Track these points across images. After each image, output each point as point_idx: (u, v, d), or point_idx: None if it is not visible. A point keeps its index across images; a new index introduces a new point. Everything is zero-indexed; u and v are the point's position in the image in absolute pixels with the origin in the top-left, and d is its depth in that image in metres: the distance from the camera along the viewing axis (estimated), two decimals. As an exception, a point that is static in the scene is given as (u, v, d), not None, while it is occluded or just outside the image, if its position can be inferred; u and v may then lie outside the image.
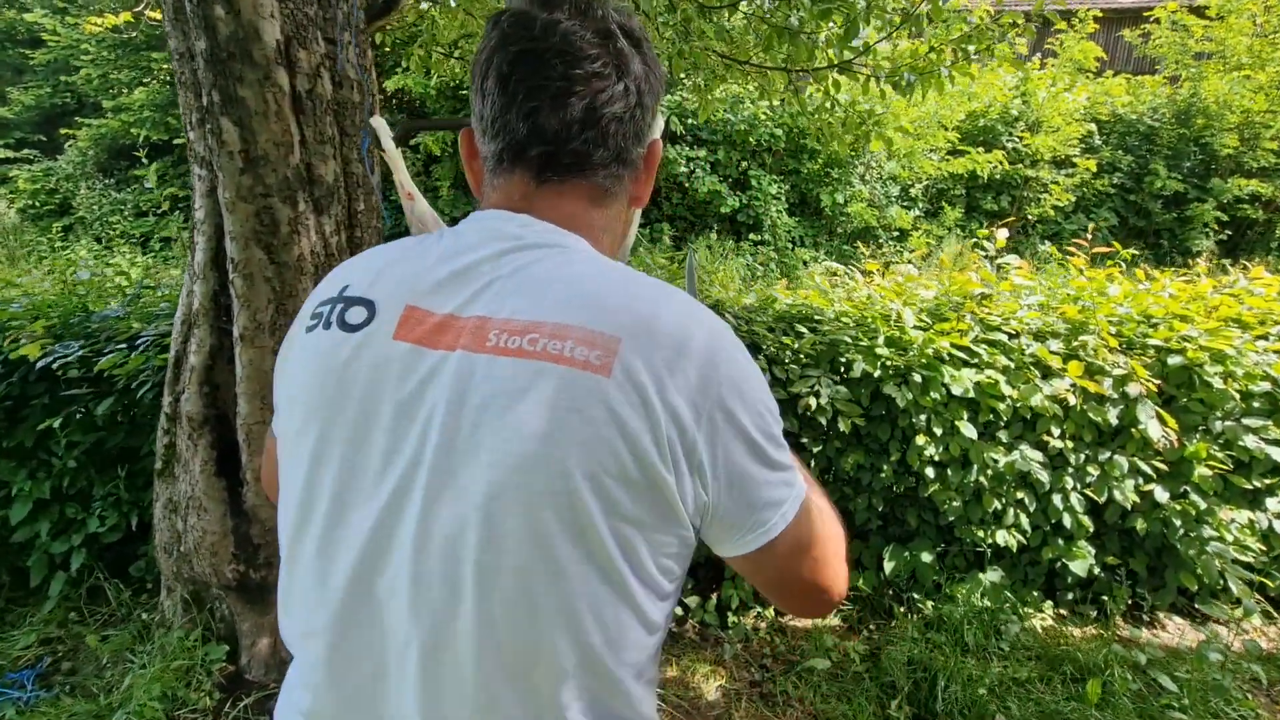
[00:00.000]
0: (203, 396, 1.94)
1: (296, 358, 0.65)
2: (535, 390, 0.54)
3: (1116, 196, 8.95)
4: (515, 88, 0.62)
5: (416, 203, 1.18)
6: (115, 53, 8.99)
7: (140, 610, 2.30)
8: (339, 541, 0.58)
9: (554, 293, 0.57)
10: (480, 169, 0.69)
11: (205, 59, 1.68)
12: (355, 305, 0.61)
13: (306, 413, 0.61)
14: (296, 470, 0.61)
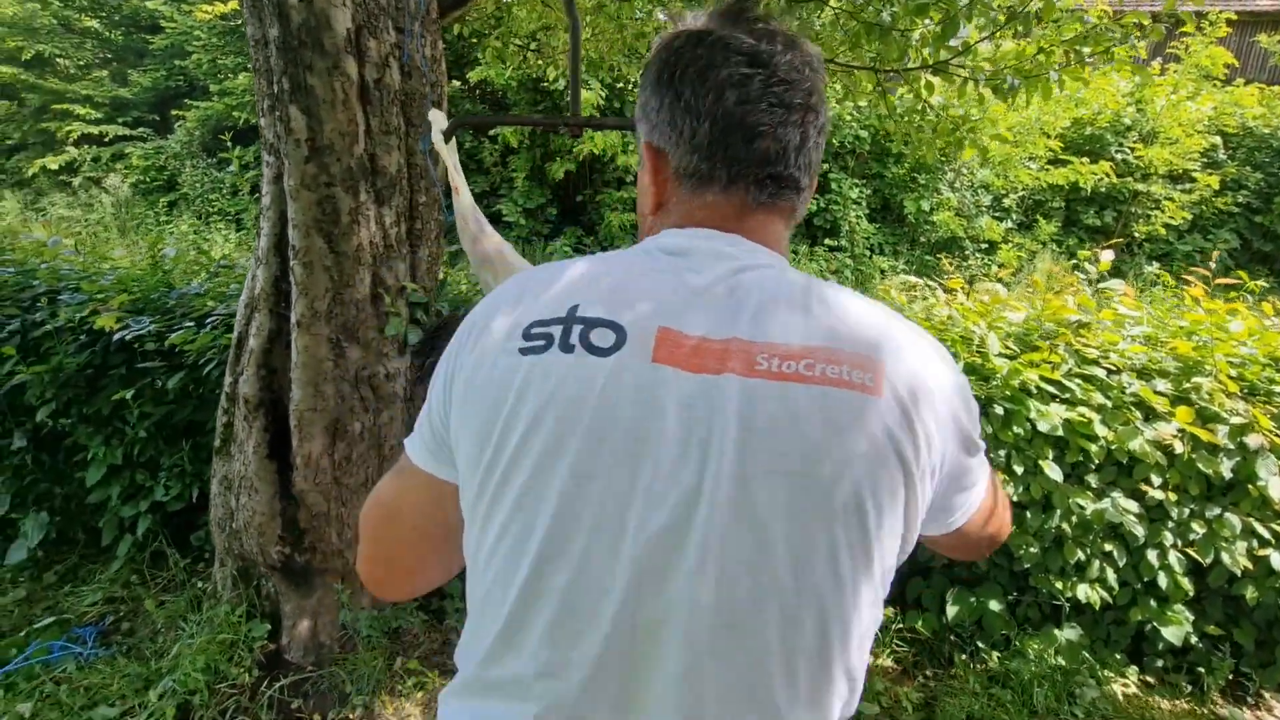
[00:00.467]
0: (259, 379, 1.97)
1: (512, 382, 0.58)
2: (821, 413, 0.55)
3: (1240, 217, 8.14)
4: (739, 110, 0.62)
5: (462, 196, 1.13)
6: (223, 39, 9.53)
7: (196, 579, 2.39)
8: (607, 573, 0.55)
9: (808, 316, 0.59)
10: (666, 183, 0.67)
11: (277, 46, 1.69)
12: (598, 327, 0.58)
13: (551, 441, 0.56)
14: (535, 502, 0.57)
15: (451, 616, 2.31)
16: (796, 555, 0.54)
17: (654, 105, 0.66)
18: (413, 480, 0.67)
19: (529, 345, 0.58)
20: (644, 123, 0.68)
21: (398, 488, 0.69)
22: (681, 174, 0.66)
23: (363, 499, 2.09)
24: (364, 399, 2.00)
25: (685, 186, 0.66)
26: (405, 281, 2.03)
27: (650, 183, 0.68)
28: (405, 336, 2.04)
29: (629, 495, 0.55)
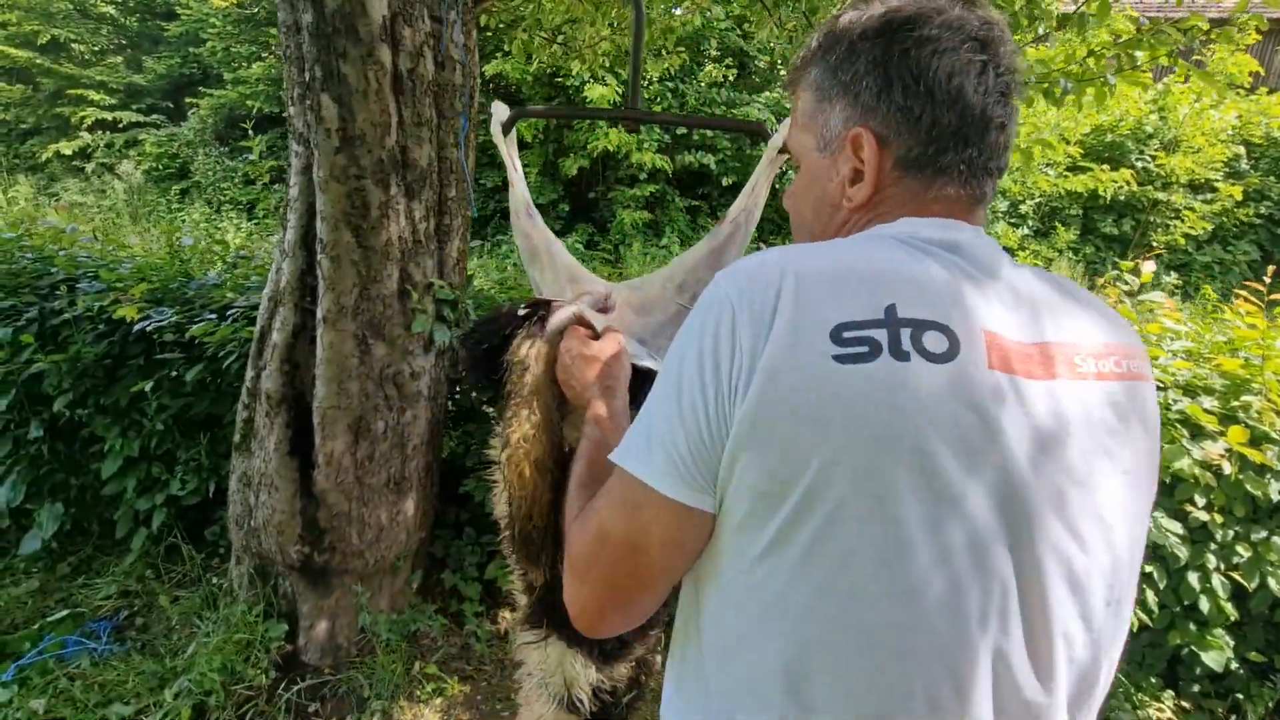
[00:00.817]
0: (282, 374, 1.92)
1: (837, 396, 0.51)
2: (1136, 408, 0.57)
3: (1262, 228, 8.04)
4: (979, 101, 0.59)
5: (516, 188, 1.09)
6: (238, 27, 9.50)
7: (211, 575, 2.34)
8: (966, 590, 0.51)
9: (1088, 311, 0.59)
10: (884, 172, 0.63)
11: (310, 33, 1.64)
12: (930, 330, 0.52)
13: (893, 461, 0.51)
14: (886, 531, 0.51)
15: (470, 620, 2.26)
16: (1134, 556, 0.56)
17: (874, 86, 0.61)
18: (659, 512, 0.56)
19: (847, 353, 0.51)
20: (849, 106, 0.62)
21: (635, 523, 0.57)
22: (908, 163, 0.61)
23: (385, 499, 2.05)
24: (388, 397, 1.96)
25: (912, 177, 0.62)
26: (433, 278, 1.98)
27: (867, 170, 0.62)
28: (431, 334, 1.99)
29: (990, 510, 0.52)
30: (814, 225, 0.68)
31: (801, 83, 0.69)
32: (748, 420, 0.52)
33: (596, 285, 1.04)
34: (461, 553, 2.40)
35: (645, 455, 0.57)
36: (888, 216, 0.62)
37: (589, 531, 0.61)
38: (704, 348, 0.55)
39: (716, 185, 8.85)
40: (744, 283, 0.55)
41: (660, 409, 0.57)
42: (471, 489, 2.33)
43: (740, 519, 0.54)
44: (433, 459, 2.21)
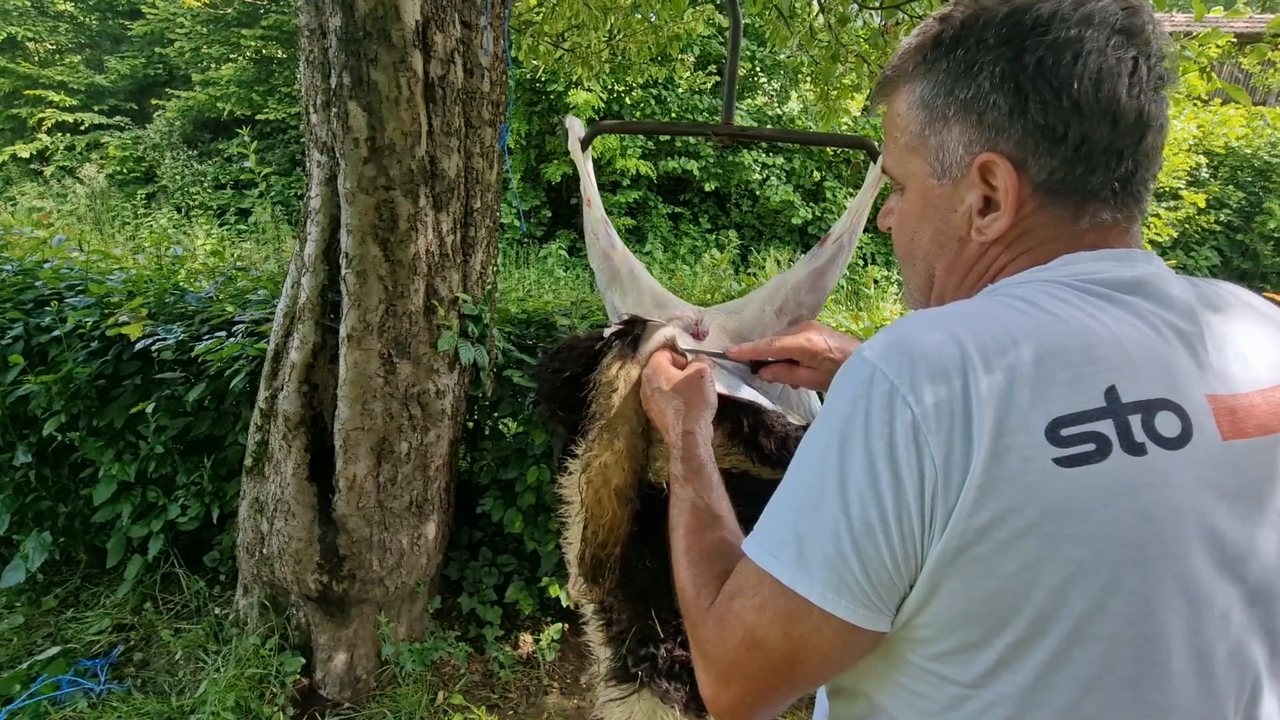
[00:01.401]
0: (301, 395, 1.83)
1: (1066, 509, 0.44)
2: None
3: (1222, 235, 8.36)
4: (1132, 103, 0.51)
5: (594, 209, 1.03)
6: (209, 28, 9.21)
7: (213, 604, 2.22)
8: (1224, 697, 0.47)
9: (1271, 344, 0.53)
10: (1021, 202, 0.54)
11: (339, 37, 1.56)
12: (1160, 411, 0.45)
13: (1143, 567, 0.45)
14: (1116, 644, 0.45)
15: (491, 646, 2.18)
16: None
17: (1004, 104, 0.52)
18: (821, 630, 0.49)
19: (1070, 454, 0.43)
20: (973, 127, 0.54)
21: (792, 636, 0.50)
22: (1051, 188, 0.53)
23: (407, 523, 1.97)
24: (412, 417, 1.87)
25: (1056, 204, 0.53)
26: (458, 292, 1.91)
27: (1004, 200, 0.54)
28: (457, 351, 1.91)
29: (1242, 602, 0.47)
30: (936, 258, 0.61)
31: (900, 97, 0.59)
32: (952, 548, 0.45)
33: (686, 310, 0.99)
34: (478, 575, 2.32)
35: (800, 567, 0.49)
36: (1037, 253, 0.55)
37: (734, 635, 0.53)
38: (874, 453, 0.46)
39: (698, 191, 8.87)
40: (916, 370, 0.46)
41: (815, 516, 0.49)
42: (488, 508, 2.25)
43: (947, 648, 0.48)
44: (451, 479, 2.13)
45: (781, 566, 0.50)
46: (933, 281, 0.62)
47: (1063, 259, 0.53)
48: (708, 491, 0.72)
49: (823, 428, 0.51)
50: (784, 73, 9.06)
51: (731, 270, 7.58)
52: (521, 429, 2.26)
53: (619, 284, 1.02)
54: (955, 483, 0.44)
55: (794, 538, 0.50)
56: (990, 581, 0.45)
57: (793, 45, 2.35)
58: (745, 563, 0.54)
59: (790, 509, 0.51)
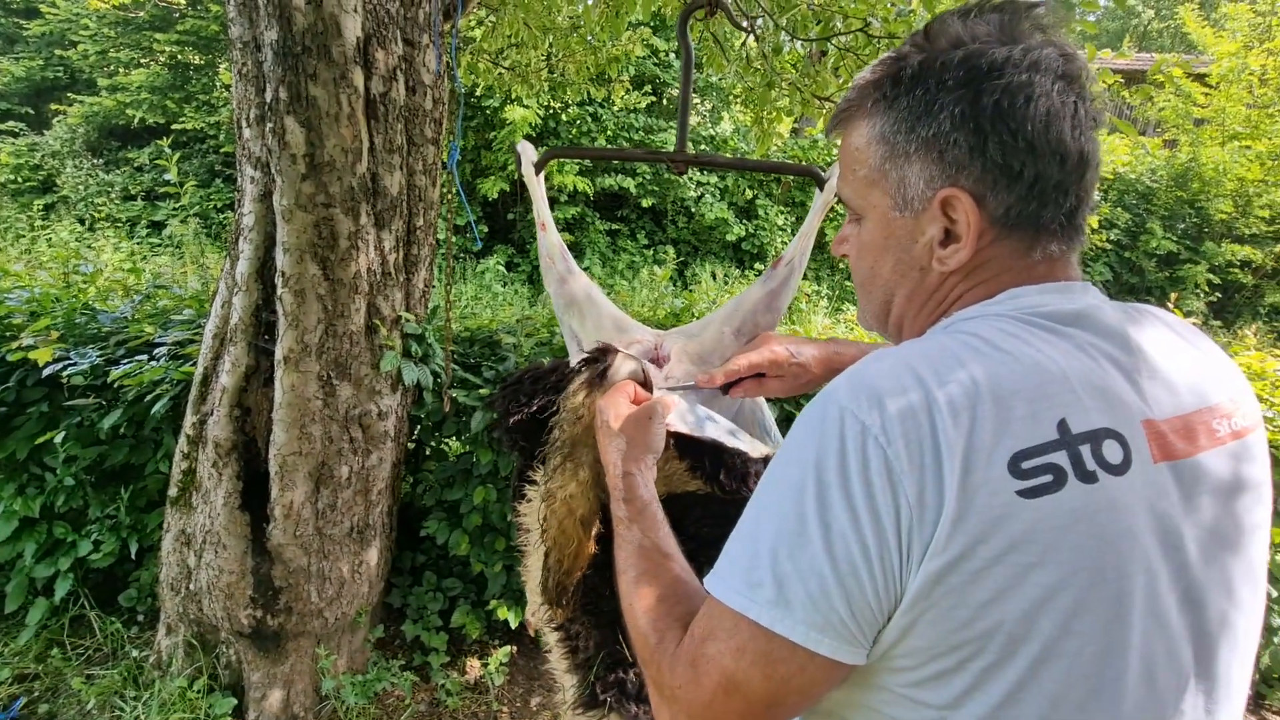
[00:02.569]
0: (233, 420, 1.74)
1: (1030, 538, 0.47)
2: (1261, 457, 0.57)
3: (1113, 253, 9.10)
4: (1075, 143, 0.54)
5: (549, 234, 1.03)
6: (116, 30, 8.68)
7: (131, 647, 2.07)
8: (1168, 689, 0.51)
9: (1203, 361, 0.58)
10: (979, 235, 0.57)
11: (275, 51, 1.52)
12: (1105, 440, 0.49)
13: (1098, 594, 0.48)
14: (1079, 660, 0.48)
15: (437, 673, 2.12)
16: (1255, 608, 0.56)
17: (965, 143, 0.55)
18: (805, 668, 0.50)
19: (1031, 485, 0.46)
20: (934, 163, 0.56)
21: (774, 678, 0.51)
22: (1007, 222, 0.56)
23: (347, 550, 1.90)
24: (353, 440, 1.82)
25: (1012, 237, 0.57)
26: (400, 311, 1.87)
27: (965, 234, 0.57)
28: (400, 371, 1.87)
29: (1179, 610, 0.51)
30: (897, 287, 0.63)
31: (858, 130, 0.61)
32: (929, 581, 0.47)
33: (645, 334, 1.00)
34: (423, 600, 2.25)
35: (781, 607, 0.50)
36: (993, 284, 0.58)
37: (710, 679, 0.53)
38: (853, 494, 0.48)
39: (635, 208, 8.97)
40: (886, 413, 0.48)
41: (796, 556, 0.50)
42: (433, 531, 2.20)
43: (925, 675, 0.50)
44: (393, 502, 2.07)
45: (760, 609, 0.50)
46: (889, 308, 0.65)
47: (1009, 293, 0.57)
48: (654, 530, 0.71)
49: (794, 469, 0.52)
50: (716, 95, 9.31)
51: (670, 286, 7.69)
52: (466, 449, 2.23)
53: (577, 309, 1.03)
54: (930, 519, 0.47)
55: (772, 578, 0.50)
56: (964, 611, 0.47)
57: (729, 72, 2.44)
58: (715, 605, 0.54)
59: (765, 549, 0.51)
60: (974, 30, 0.56)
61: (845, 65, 2.13)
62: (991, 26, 0.56)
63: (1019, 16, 0.56)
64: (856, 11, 1.99)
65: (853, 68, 2.09)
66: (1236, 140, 9.08)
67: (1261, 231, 8.76)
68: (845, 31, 2.04)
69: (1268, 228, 8.68)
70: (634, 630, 0.63)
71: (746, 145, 8.71)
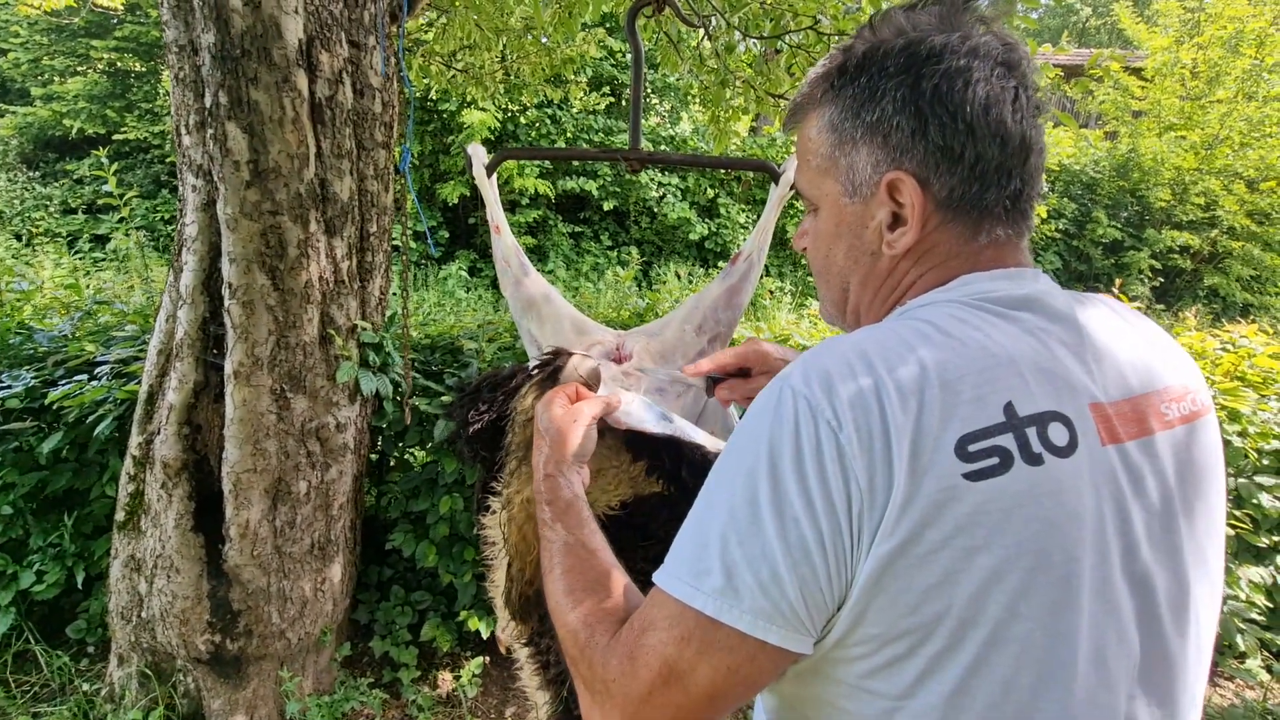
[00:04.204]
0: (182, 439, 1.68)
1: (977, 522, 0.47)
2: (1212, 442, 0.58)
3: (1061, 241, 9.41)
4: (1017, 127, 0.55)
5: (504, 237, 1.01)
6: (49, 37, 8.32)
7: (80, 680, 1.98)
8: (1120, 670, 0.51)
9: (1153, 349, 0.58)
10: (925, 219, 0.58)
11: (213, 55, 1.47)
12: (1051, 423, 0.49)
13: (1047, 571, 0.48)
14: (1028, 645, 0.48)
15: (408, 689, 2.07)
16: (1210, 590, 0.57)
17: (906, 126, 0.56)
18: (753, 658, 0.49)
19: (978, 468, 0.46)
20: (879, 148, 0.58)
21: (721, 667, 0.49)
22: (951, 204, 0.57)
23: (309, 568, 1.84)
24: (311, 454, 1.76)
25: (957, 219, 0.57)
26: (356, 320, 1.83)
27: (910, 216, 0.57)
28: (357, 382, 1.82)
29: (1128, 592, 0.51)
30: (851, 273, 0.64)
31: (810, 122, 0.63)
32: (880, 566, 0.47)
33: (606, 335, 0.99)
34: (390, 615, 2.20)
35: (729, 595, 0.49)
36: (942, 269, 0.59)
37: (649, 670, 0.51)
38: (807, 478, 0.48)
39: (598, 210, 8.95)
40: (837, 399, 0.48)
41: (747, 543, 0.49)
42: (399, 543, 2.15)
43: (878, 663, 0.50)
44: (356, 516, 2.02)
45: (706, 598, 0.49)
46: (847, 296, 0.65)
47: (961, 279, 0.58)
48: (579, 528, 0.69)
49: (746, 455, 0.51)
50: (674, 95, 9.35)
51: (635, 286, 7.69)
52: (431, 458, 2.18)
53: (535, 312, 1.01)
54: (879, 503, 0.47)
55: (720, 566, 0.49)
56: (912, 595, 0.47)
57: (684, 71, 2.44)
58: (659, 594, 0.53)
59: (714, 537, 0.50)
60: (916, 20, 0.58)
61: (798, 63, 2.15)
62: (933, 17, 0.58)
63: (960, 9, 0.58)
64: (806, 9, 2.01)
65: (805, 65, 2.11)
66: (1172, 131, 9.47)
67: (1198, 218, 9.15)
68: (796, 29, 2.06)
69: (1203, 214, 9.07)
70: (562, 629, 0.61)
71: (706, 145, 8.76)
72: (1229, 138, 9.01)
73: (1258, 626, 2.37)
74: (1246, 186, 8.69)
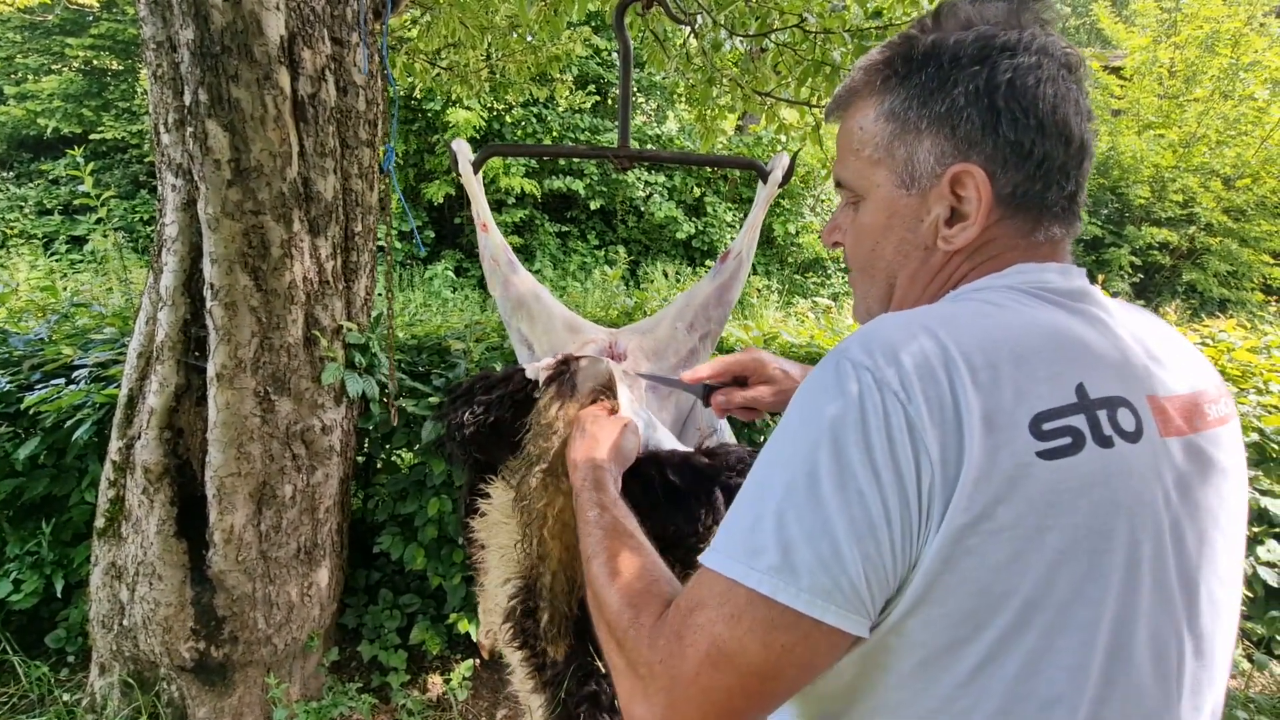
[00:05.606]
0: (163, 443, 1.65)
1: (1051, 501, 0.46)
2: (1239, 445, 0.58)
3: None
4: (1079, 127, 0.56)
5: (491, 235, 1.00)
6: (23, 35, 8.16)
7: (60, 691, 1.94)
8: (1170, 660, 0.51)
9: (1189, 352, 0.59)
10: (987, 213, 0.56)
11: (192, 52, 1.44)
12: (1120, 408, 0.49)
13: (1118, 556, 0.48)
14: (1093, 630, 0.47)
15: (397, 694, 2.05)
16: (1237, 588, 0.57)
17: (978, 118, 0.55)
18: (808, 638, 0.47)
19: (1052, 446, 0.46)
20: (946, 139, 0.56)
21: (772, 647, 0.47)
22: (1014, 202, 0.56)
23: (295, 572, 1.81)
24: (296, 457, 1.74)
25: (1018, 216, 0.57)
26: (341, 320, 1.80)
27: (975, 211, 0.56)
28: (343, 383, 1.80)
29: (1178, 583, 0.51)
30: (900, 268, 0.61)
31: (863, 110, 0.61)
32: (950, 543, 0.45)
33: (598, 333, 0.98)
34: (379, 619, 2.18)
35: (785, 574, 0.46)
36: (997, 262, 0.58)
37: (696, 650, 0.48)
38: (874, 450, 0.45)
39: (584, 209, 8.93)
40: (904, 369, 0.47)
41: (808, 518, 0.46)
42: (387, 546, 2.13)
43: (938, 648, 0.47)
44: (343, 519, 2.00)
45: (761, 575, 0.47)
46: (892, 291, 0.63)
47: (1016, 268, 0.57)
48: (627, 519, 0.70)
49: (804, 430, 0.49)
50: (661, 93, 9.34)
51: (623, 285, 7.67)
52: (418, 460, 2.16)
53: (525, 311, 1.00)
54: (951, 477, 0.45)
55: (776, 543, 0.47)
56: (983, 574, 0.46)
57: (670, 69, 2.44)
58: (707, 574, 0.50)
59: (769, 513, 0.48)
60: (984, 13, 0.57)
61: (785, 61, 2.15)
62: (1000, 12, 0.57)
63: (1024, 6, 0.57)
64: (792, 7, 2.01)
65: (791, 63, 2.11)
66: (1151, 129, 9.61)
67: (1176, 215, 9.29)
68: (782, 27, 2.06)
69: (1181, 211, 9.21)
70: (603, 611, 0.59)
71: (692, 143, 8.77)
72: (1206, 136, 9.15)
73: (1239, 616, 2.40)
74: (1223, 184, 8.83)
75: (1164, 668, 0.50)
